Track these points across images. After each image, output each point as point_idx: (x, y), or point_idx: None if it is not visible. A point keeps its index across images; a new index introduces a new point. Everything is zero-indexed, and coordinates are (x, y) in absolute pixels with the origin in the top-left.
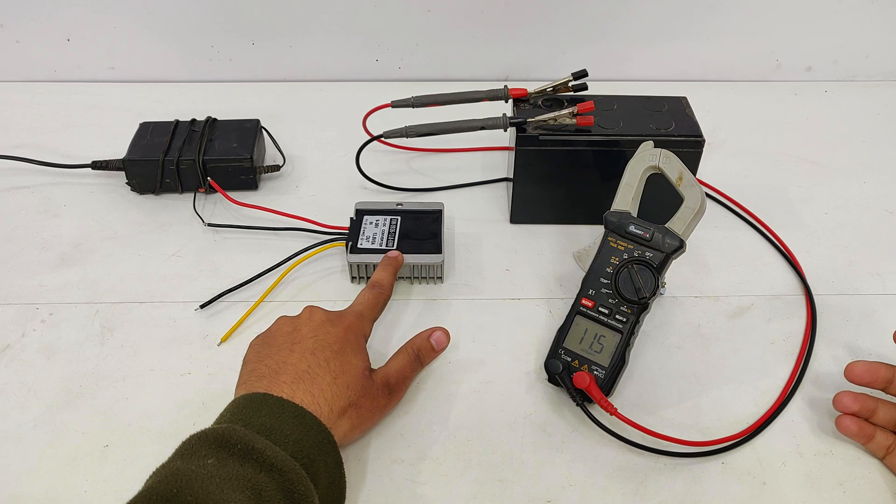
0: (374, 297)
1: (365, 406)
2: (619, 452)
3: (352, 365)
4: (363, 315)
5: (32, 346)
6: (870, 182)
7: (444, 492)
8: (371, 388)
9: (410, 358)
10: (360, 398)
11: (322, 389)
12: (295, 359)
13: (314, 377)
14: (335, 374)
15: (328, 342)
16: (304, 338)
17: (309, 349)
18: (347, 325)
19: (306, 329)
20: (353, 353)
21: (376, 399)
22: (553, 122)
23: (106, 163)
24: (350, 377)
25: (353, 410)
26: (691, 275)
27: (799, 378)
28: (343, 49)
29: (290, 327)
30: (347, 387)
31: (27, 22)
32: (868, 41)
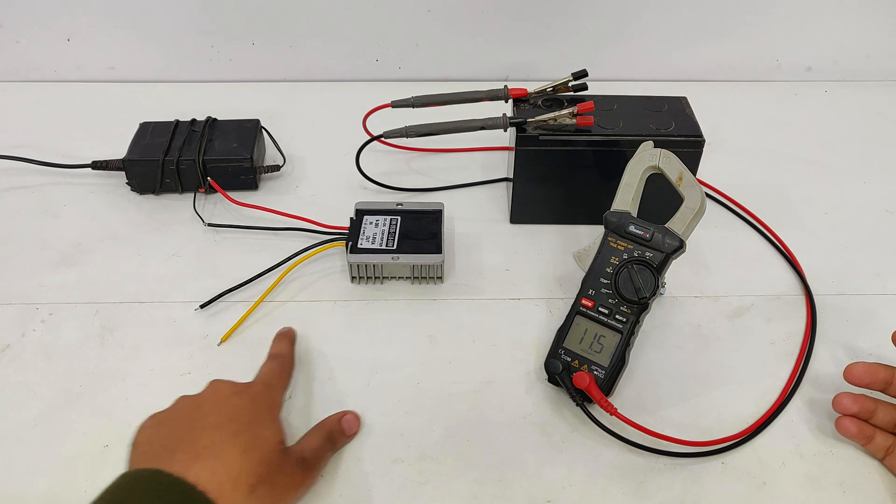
0: (279, 366)
1: (279, 483)
2: (619, 452)
3: (264, 438)
4: (272, 385)
5: (32, 346)
6: (870, 182)
7: (444, 492)
8: (285, 465)
9: (324, 438)
10: (274, 475)
11: (226, 465)
12: (195, 436)
13: (217, 453)
14: (244, 449)
15: (236, 414)
16: (207, 413)
17: (212, 424)
18: (255, 394)
19: (210, 405)
20: (266, 425)
21: (292, 476)
22: (553, 122)
23: (106, 163)
24: (263, 452)
25: (265, 488)
26: (691, 275)
27: (799, 378)
28: (343, 49)
29: (192, 405)
30: (259, 462)
31: (27, 22)
32: (868, 41)
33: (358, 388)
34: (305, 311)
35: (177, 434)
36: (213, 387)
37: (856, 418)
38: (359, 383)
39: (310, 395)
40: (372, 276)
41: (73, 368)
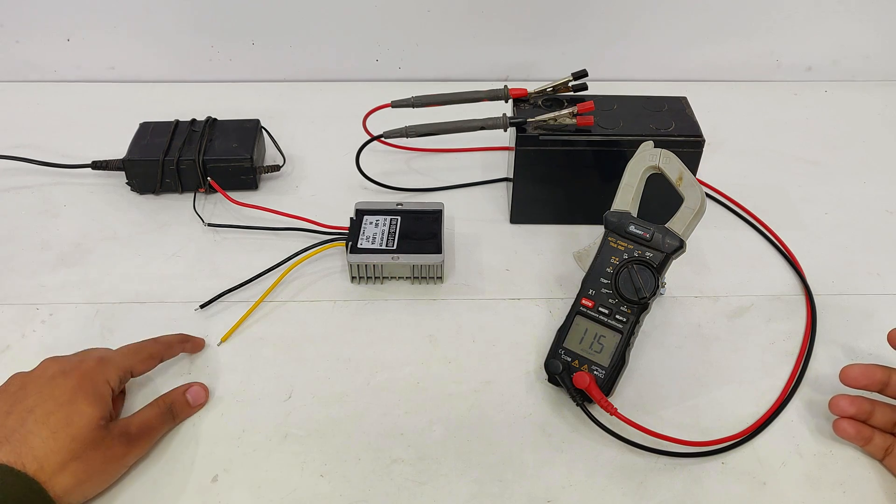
0: (139, 345)
1: (95, 458)
2: (619, 452)
3: (82, 415)
4: (110, 360)
5: (32, 347)
6: (870, 182)
7: (444, 492)
8: (105, 439)
9: (160, 410)
10: (88, 450)
11: (32, 447)
12: (10, 419)
13: (25, 436)
14: (55, 429)
15: (54, 395)
16: (27, 395)
17: (28, 407)
18: (83, 372)
19: (34, 385)
20: (87, 402)
21: (110, 449)
22: (553, 122)
23: (106, 163)
24: (76, 429)
25: (77, 464)
26: (691, 275)
27: (799, 378)
28: (343, 49)
29: (18, 385)
30: (71, 439)
31: (27, 22)
32: (868, 41)
33: (358, 388)
34: (305, 311)
35: None
36: (42, 365)
37: (853, 420)
38: (359, 383)
39: (310, 395)
40: (372, 276)
41: None
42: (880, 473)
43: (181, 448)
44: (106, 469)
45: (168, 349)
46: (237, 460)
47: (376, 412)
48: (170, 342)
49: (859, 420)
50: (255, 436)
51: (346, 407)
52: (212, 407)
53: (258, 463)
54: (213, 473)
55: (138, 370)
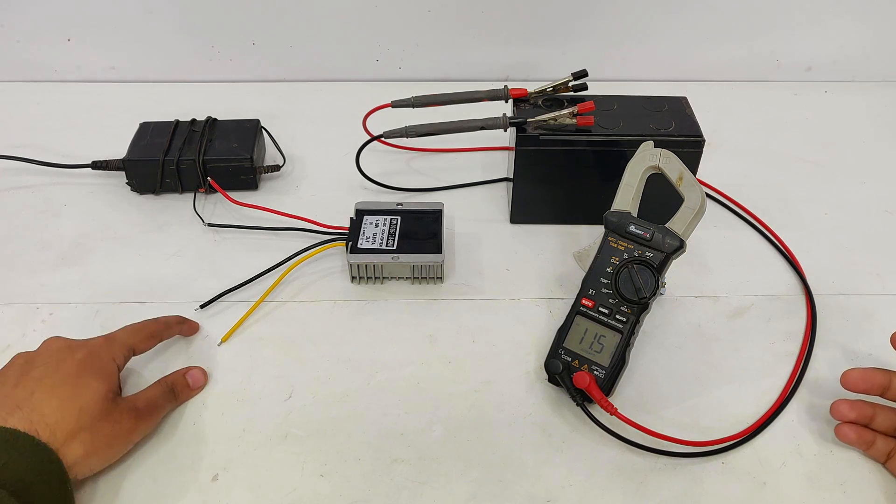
0: (139, 325)
1: (103, 431)
2: (619, 452)
3: (89, 388)
4: (115, 338)
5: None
6: (870, 182)
7: (444, 492)
8: (112, 413)
9: (163, 389)
10: (96, 422)
11: (42, 415)
12: (18, 390)
13: (35, 404)
14: (63, 399)
15: (61, 367)
16: (33, 367)
17: (36, 377)
18: (90, 349)
19: (40, 359)
20: (94, 376)
21: (118, 423)
22: (553, 122)
23: (106, 163)
24: (84, 400)
25: (86, 434)
26: (691, 275)
27: (799, 378)
28: (343, 49)
29: (23, 360)
30: (80, 410)
31: (27, 22)
32: (868, 41)
33: (358, 388)
34: (305, 311)
35: (4, 389)
36: (46, 343)
37: (855, 424)
38: (359, 383)
39: (310, 395)
40: (372, 276)
41: None
42: (880, 474)
43: (181, 448)
44: (114, 442)
45: (167, 329)
46: (237, 460)
47: (376, 412)
48: (168, 322)
49: (861, 424)
50: (255, 436)
51: (346, 407)
52: (212, 407)
53: (258, 463)
54: (213, 473)
55: (140, 348)
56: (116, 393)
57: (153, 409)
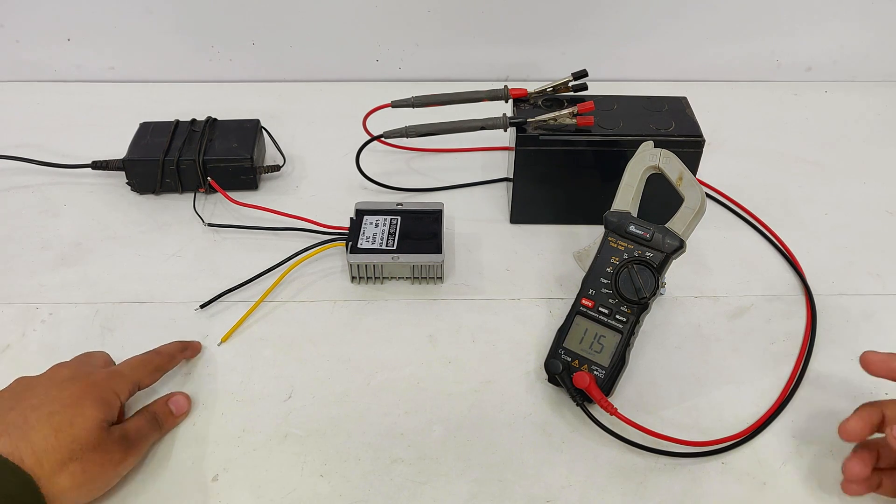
0: (144, 358)
1: (94, 461)
2: (619, 452)
3: (84, 417)
4: (120, 373)
5: (32, 347)
6: (870, 182)
7: (444, 492)
8: (105, 442)
9: (147, 418)
10: (87, 452)
11: (31, 442)
12: (12, 414)
13: (26, 431)
14: (57, 428)
15: (59, 396)
16: (34, 395)
17: (33, 405)
18: (93, 381)
19: (42, 387)
20: (92, 405)
21: (109, 454)
22: (553, 122)
23: (106, 163)
24: (78, 430)
25: (76, 465)
26: (691, 275)
27: (799, 378)
28: (343, 49)
29: (24, 386)
30: (73, 440)
31: (27, 22)
32: (868, 41)
33: (358, 388)
34: (305, 311)
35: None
36: (52, 370)
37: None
38: (359, 383)
39: (310, 395)
40: (372, 276)
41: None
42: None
43: (181, 448)
44: (103, 473)
45: (170, 360)
46: (237, 460)
47: (376, 412)
48: (171, 353)
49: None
50: (255, 436)
51: (346, 407)
52: (212, 407)
53: (258, 463)
54: (213, 473)
55: (145, 383)
56: (110, 423)
57: (141, 439)
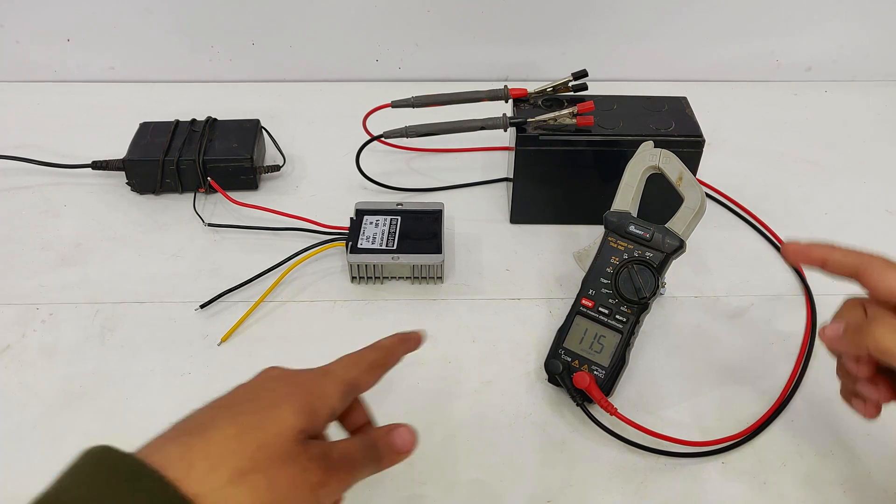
0: (358, 354)
1: (284, 477)
2: (619, 452)
3: (278, 422)
4: (332, 372)
5: (33, 347)
6: (870, 182)
7: (444, 492)
8: (299, 457)
9: (364, 446)
10: (275, 465)
11: (207, 443)
12: (202, 414)
13: (207, 430)
14: (243, 429)
15: (257, 396)
16: (233, 394)
17: (226, 403)
18: (297, 382)
19: (246, 387)
20: (291, 409)
21: (304, 472)
22: (553, 122)
23: (106, 163)
24: (267, 435)
25: (259, 478)
26: (691, 275)
27: (799, 378)
28: (343, 49)
29: (234, 389)
30: (258, 447)
31: (27, 22)
32: (868, 41)
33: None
34: (305, 311)
35: (192, 414)
36: (263, 371)
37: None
38: None
39: None
40: (372, 276)
41: (73, 368)
42: (881, 473)
43: None
44: (294, 496)
45: (389, 355)
46: None
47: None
48: (390, 346)
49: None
50: None
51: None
52: None
53: None
54: None
55: (364, 382)
56: (311, 436)
57: (349, 466)
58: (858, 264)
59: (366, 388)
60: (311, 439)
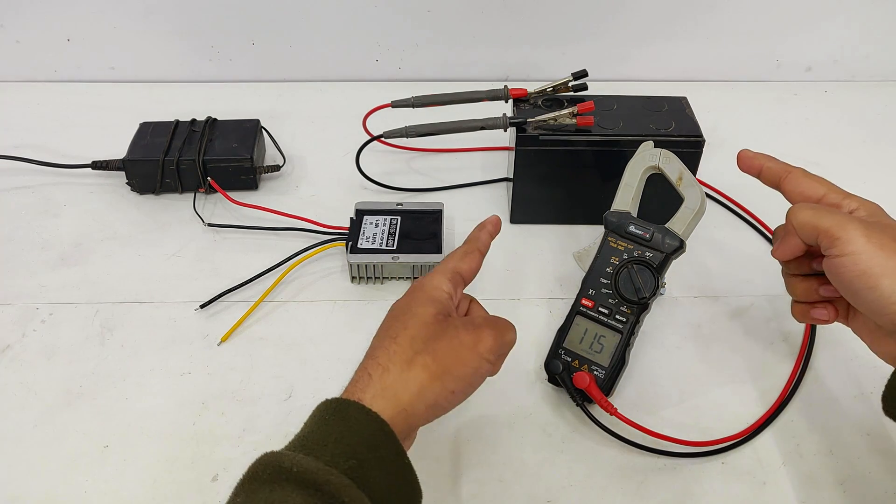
0: (460, 251)
1: (442, 348)
2: (619, 452)
3: (416, 316)
4: (436, 269)
5: (32, 347)
6: (870, 182)
7: (444, 492)
8: (447, 330)
9: (487, 316)
10: (431, 342)
11: (376, 358)
12: (367, 351)
13: (372, 352)
14: (394, 336)
15: (395, 315)
16: (382, 323)
17: (380, 331)
18: (414, 287)
19: (387, 317)
20: (418, 304)
21: (456, 337)
22: (553, 122)
23: (106, 163)
24: (413, 329)
25: (424, 357)
26: (691, 275)
27: (799, 378)
28: (343, 49)
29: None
30: (411, 339)
31: (27, 22)
32: (868, 41)
33: None
34: (305, 311)
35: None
36: (393, 305)
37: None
38: None
39: (310, 395)
40: (372, 276)
41: (73, 368)
42: (881, 472)
43: (181, 448)
44: (459, 359)
45: (475, 240)
46: (237, 460)
47: None
48: (474, 235)
49: None
50: (255, 436)
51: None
52: (212, 407)
53: None
54: (214, 473)
55: (464, 269)
56: (447, 315)
57: (490, 320)
58: (782, 172)
59: (469, 273)
60: (450, 317)
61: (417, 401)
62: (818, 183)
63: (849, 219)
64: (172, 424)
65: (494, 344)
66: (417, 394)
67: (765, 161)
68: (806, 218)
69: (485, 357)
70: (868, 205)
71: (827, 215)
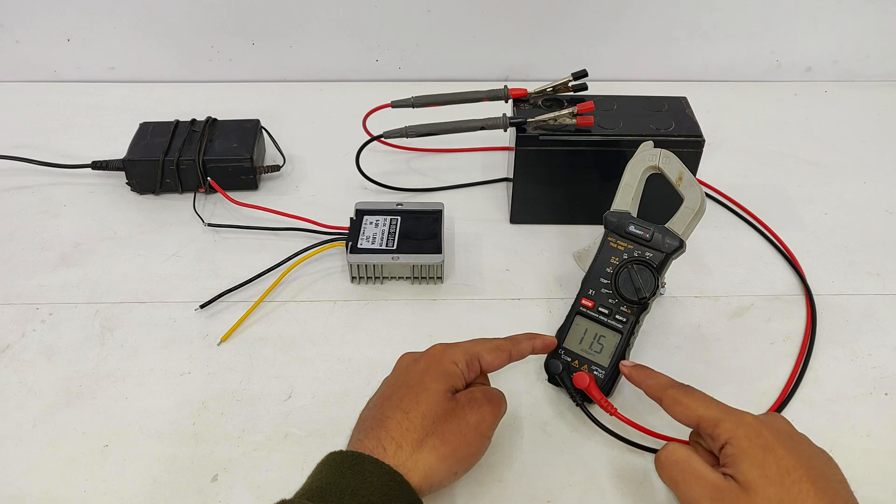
0: (494, 342)
1: (449, 430)
2: (619, 452)
3: (428, 392)
4: (456, 345)
5: (32, 346)
6: (870, 182)
7: (445, 492)
8: (454, 411)
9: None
10: (440, 424)
11: (389, 430)
12: (375, 411)
13: (384, 421)
14: (406, 410)
15: (405, 381)
16: (387, 388)
17: (385, 395)
18: (431, 356)
19: (392, 378)
20: (432, 379)
21: (463, 418)
22: (553, 122)
23: (106, 163)
24: (425, 406)
25: (434, 440)
26: (691, 275)
27: (799, 378)
28: (343, 49)
29: (384, 382)
30: (423, 417)
31: (27, 22)
32: (868, 41)
33: (358, 388)
34: (305, 311)
35: (368, 412)
36: (398, 360)
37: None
38: (359, 383)
39: (310, 395)
40: (372, 276)
41: (73, 368)
42: (881, 472)
43: (181, 448)
44: (464, 440)
45: (515, 344)
46: (237, 460)
47: None
48: (517, 337)
49: None
50: (255, 436)
51: (346, 407)
52: (212, 407)
53: (258, 463)
54: (213, 473)
55: (486, 358)
56: (455, 390)
57: (492, 396)
58: (659, 395)
59: (489, 365)
60: (457, 392)
61: (424, 481)
62: (691, 406)
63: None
64: (172, 424)
65: (494, 420)
66: (425, 476)
67: (644, 378)
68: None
69: (486, 435)
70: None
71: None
